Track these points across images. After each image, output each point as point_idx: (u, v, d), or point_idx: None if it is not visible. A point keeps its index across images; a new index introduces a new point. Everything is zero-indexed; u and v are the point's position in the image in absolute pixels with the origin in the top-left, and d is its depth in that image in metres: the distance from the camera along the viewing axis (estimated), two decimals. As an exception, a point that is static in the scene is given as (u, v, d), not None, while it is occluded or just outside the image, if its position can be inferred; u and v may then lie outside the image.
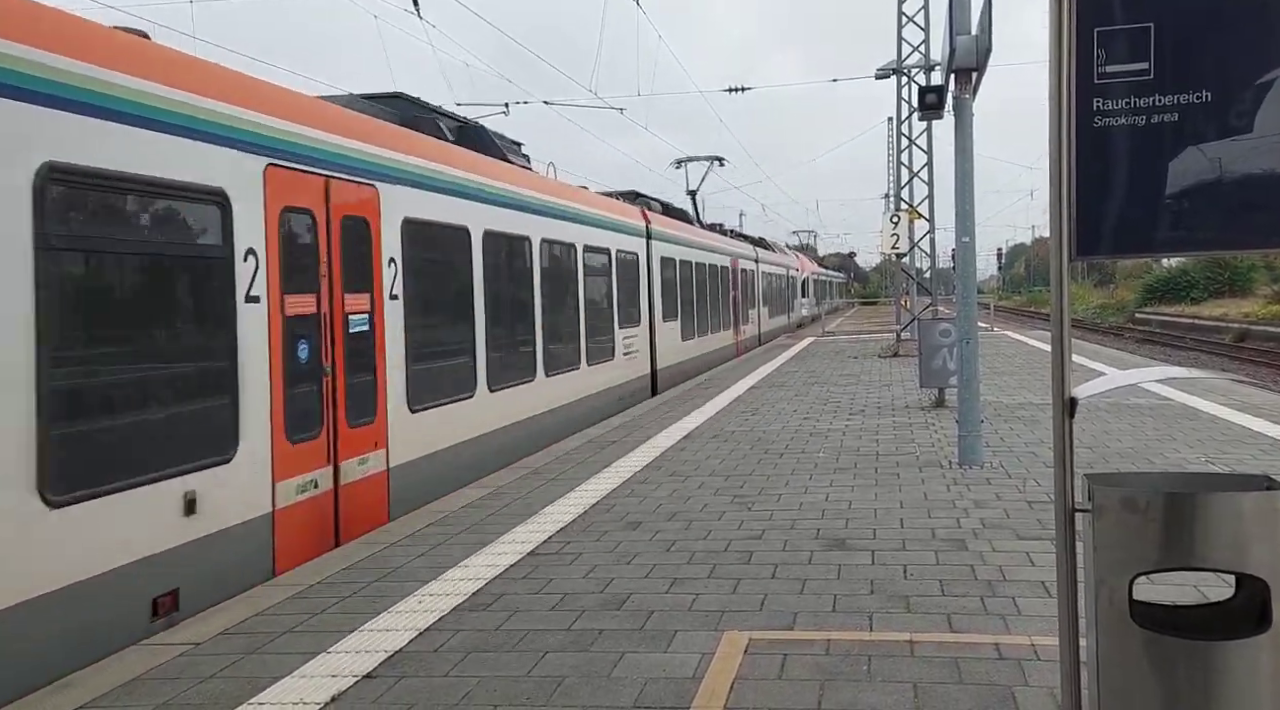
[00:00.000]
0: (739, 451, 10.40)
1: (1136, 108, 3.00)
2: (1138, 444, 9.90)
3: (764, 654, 4.68)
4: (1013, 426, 11.50)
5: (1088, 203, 3.01)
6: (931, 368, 12.96)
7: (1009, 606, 5.24)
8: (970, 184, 9.32)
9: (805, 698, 4.18)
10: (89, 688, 4.54)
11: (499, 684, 4.44)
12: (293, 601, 5.73)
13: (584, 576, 6.06)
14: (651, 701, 4.20)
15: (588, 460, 10.12)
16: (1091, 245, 3.04)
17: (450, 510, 8.00)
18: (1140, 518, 2.75)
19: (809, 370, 20.22)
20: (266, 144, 6.75)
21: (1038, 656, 4.52)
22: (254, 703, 4.32)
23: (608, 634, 5.04)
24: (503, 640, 5.00)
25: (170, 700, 4.38)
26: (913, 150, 27.30)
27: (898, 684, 4.28)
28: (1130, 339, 38.84)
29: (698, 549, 6.60)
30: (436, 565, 6.40)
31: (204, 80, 6.31)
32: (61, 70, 5.13)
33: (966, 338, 9.42)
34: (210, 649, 5.01)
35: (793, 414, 13.35)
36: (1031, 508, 7.47)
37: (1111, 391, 12.80)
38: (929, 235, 26.42)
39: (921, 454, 9.97)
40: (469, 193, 10.12)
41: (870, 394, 15.59)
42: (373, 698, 4.33)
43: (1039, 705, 4.02)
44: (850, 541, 6.67)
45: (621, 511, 7.78)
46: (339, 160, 7.68)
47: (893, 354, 23.72)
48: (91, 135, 5.30)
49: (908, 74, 26.55)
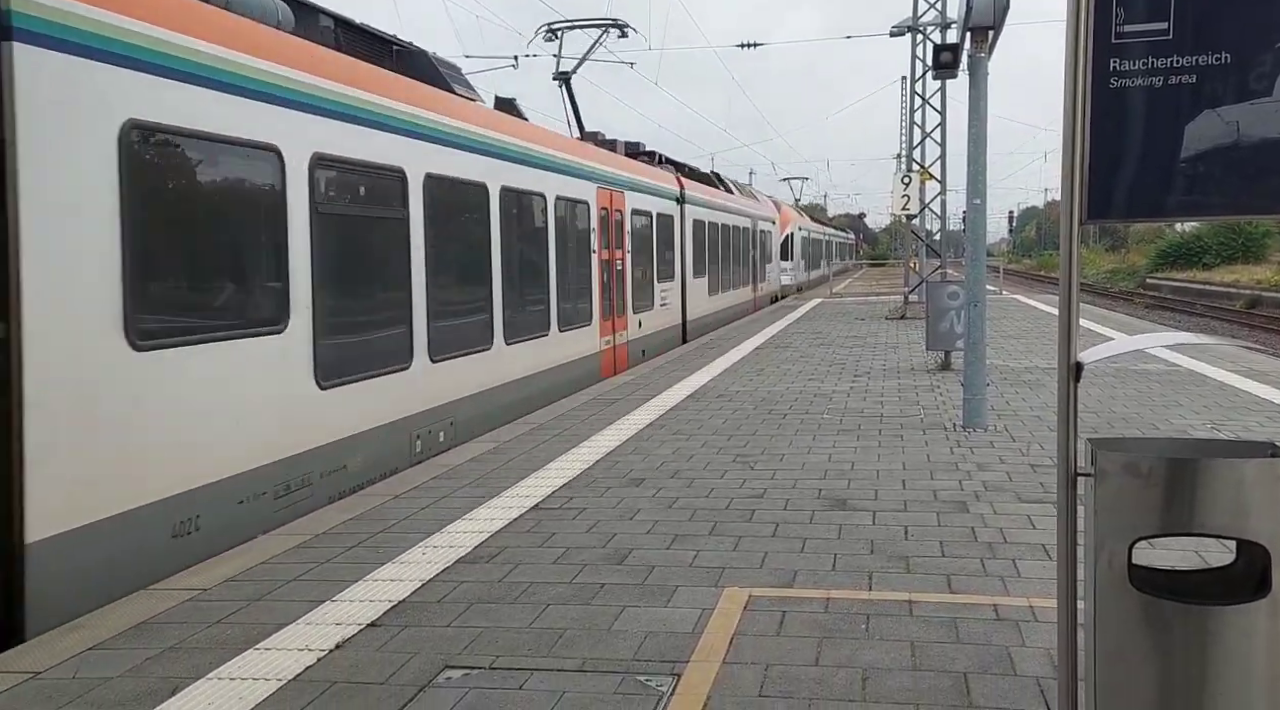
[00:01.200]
0: (743, 411, 10.42)
1: (1154, 69, 2.95)
2: (1143, 410, 9.90)
3: (763, 610, 4.73)
4: (1018, 390, 11.50)
5: (1101, 165, 2.98)
6: (939, 330, 12.93)
7: (1008, 568, 5.27)
8: (983, 145, 9.23)
9: (804, 654, 4.22)
10: (98, 630, 4.61)
11: (501, 635, 4.50)
12: (298, 551, 5.79)
13: (586, 531, 6.10)
14: (651, 655, 4.25)
15: (591, 417, 10.16)
16: (1103, 208, 3.01)
17: (454, 464, 8.05)
18: (1142, 482, 2.75)
19: (815, 331, 20.20)
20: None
21: (1035, 618, 4.56)
22: (261, 647, 4.38)
23: (609, 588, 5.08)
24: (505, 592, 5.05)
25: (178, 644, 4.44)
26: (926, 110, 27.02)
27: (895, 642, 4.32)
28: (1140, 304, 38.68)
29: (699, 506, 6.63)
30: (440, 518, 6.45)
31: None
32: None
33: (975, 301, 9.39)
34: (217, 595, 5.07)
35: (798, 375, 13.36)
36: (1034, 471, 7.49)
37: (1118, 357, 12.79)
38: (940, 197, 26.22)
39: (926, 417, 9.98)
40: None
41: (876, 356, 15.58)
42: (377, 646, 4.39)
43: (1035, 665, 4.05)
44: (852, 502, 6.70)
45: (625, 468, 7.82)
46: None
47: (900, 316, 23.67)
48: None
49: (923, 32, 26.19)
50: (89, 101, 5.25)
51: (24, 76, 4.85)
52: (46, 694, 3.97)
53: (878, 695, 3.83)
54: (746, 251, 28.35)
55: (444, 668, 4.16)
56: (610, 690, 3.92)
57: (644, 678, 4.03)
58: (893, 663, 4.12)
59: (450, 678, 4.06)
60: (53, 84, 5.02)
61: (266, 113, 6.70)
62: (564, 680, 4.02)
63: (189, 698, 3.91)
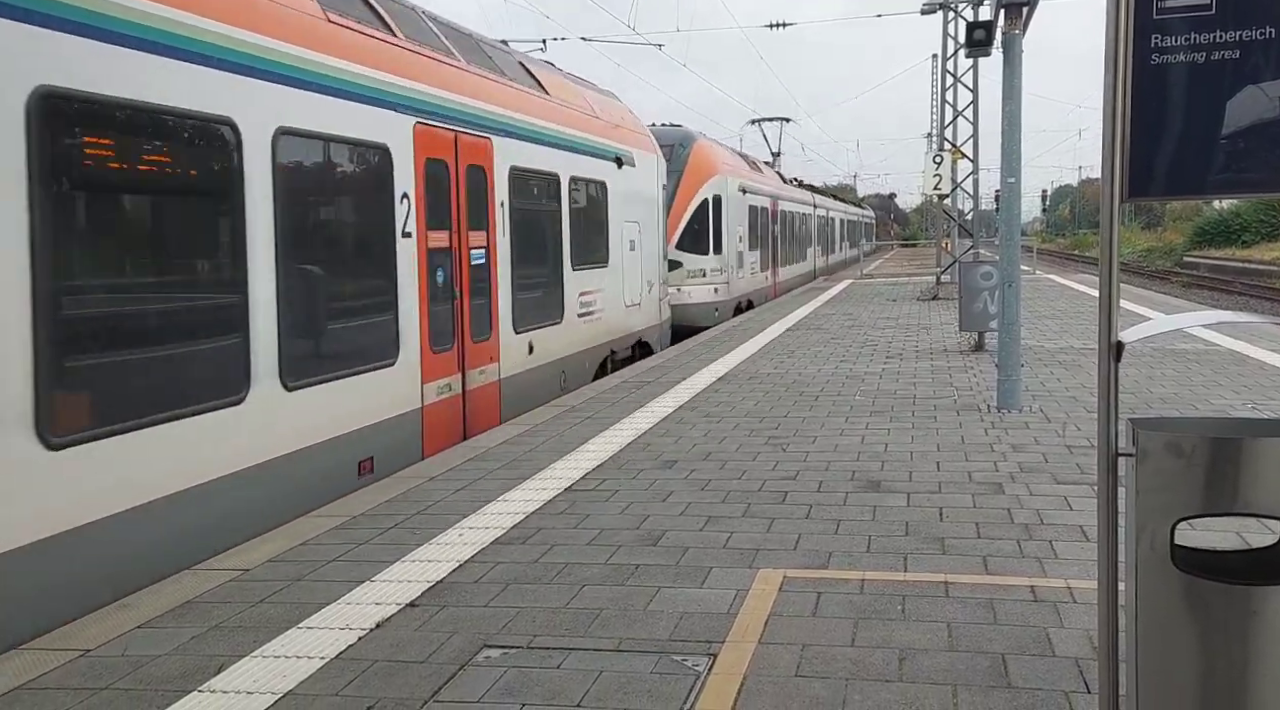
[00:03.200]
0: (774, 393, 10.41)
1: (1196, 44, 2.91)
2: (1182, 390, 9.78)
3: (798, 592, 4.74)
4: (1053, 371, 11.40)
5: (1141, 143, 2.94)
6: (972, 311, 12.84)
7: (1045, 550, 5.25)
8: (1018, 124, 9.12)
9: (839, 635, 4.23)
10: (146, 609, 4.71)
11: (538, 614, 4.54)
12: (337, 532, 5.87)
13: (620, 513, 6.14)
14: (687, 635, 4.28)
15: (622, 400, 10.19)
16: (1143, 186, 2.97)
17: (488, 446, 8.11)
18: (1184, 462, 2.73)
19: (846, 313, 20.09)
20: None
21: (1074, 599, 4.54)
22: (302, 626, 4.46)
23: (644, 569, 5.12)
24: (541, 572, 5.10)
25: (222, 622, 4.53)
26: (957, 88, 26.69)
27: (932, 623, 4.33)
28: (1178, 283, 38.12)
29: (732, 488, 6.65)
30: (476, 499, 6.51)
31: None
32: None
33: (1009, 281, 9.31)
34: (259, 575, 5.16)
35: (829, 357, 13.31)
36: (1071, 452, 7.43)
37: (1158, 336, 12.64)
38: (972, 176, 25.94)
39: (960, 398, 9.92)
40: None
41: (909, 337, 15.49)
42: (416, 625, 4.45)
43: (1074, 646, 4.04)
44: (886, 483, 6.69)
45: (657, 450, 7.85)
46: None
47: (932, 297, 23.49)
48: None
49: (954, 9, 25.85)
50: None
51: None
52: (97, 671, 4.06)
53: (914, 675, 3.84)
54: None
55: (482, 647, 4.21)
56: (647, 670, 3.96)
57: (680, 657, 4.06)
58: (929, 643, 4.12)
59: (489, 656, 4.12)
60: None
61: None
62: (601, 660, 4.06)
63: (234, 675, 3.99)
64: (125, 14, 5.36)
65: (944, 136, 27.20)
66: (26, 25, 4.74)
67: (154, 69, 5.53)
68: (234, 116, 6.11)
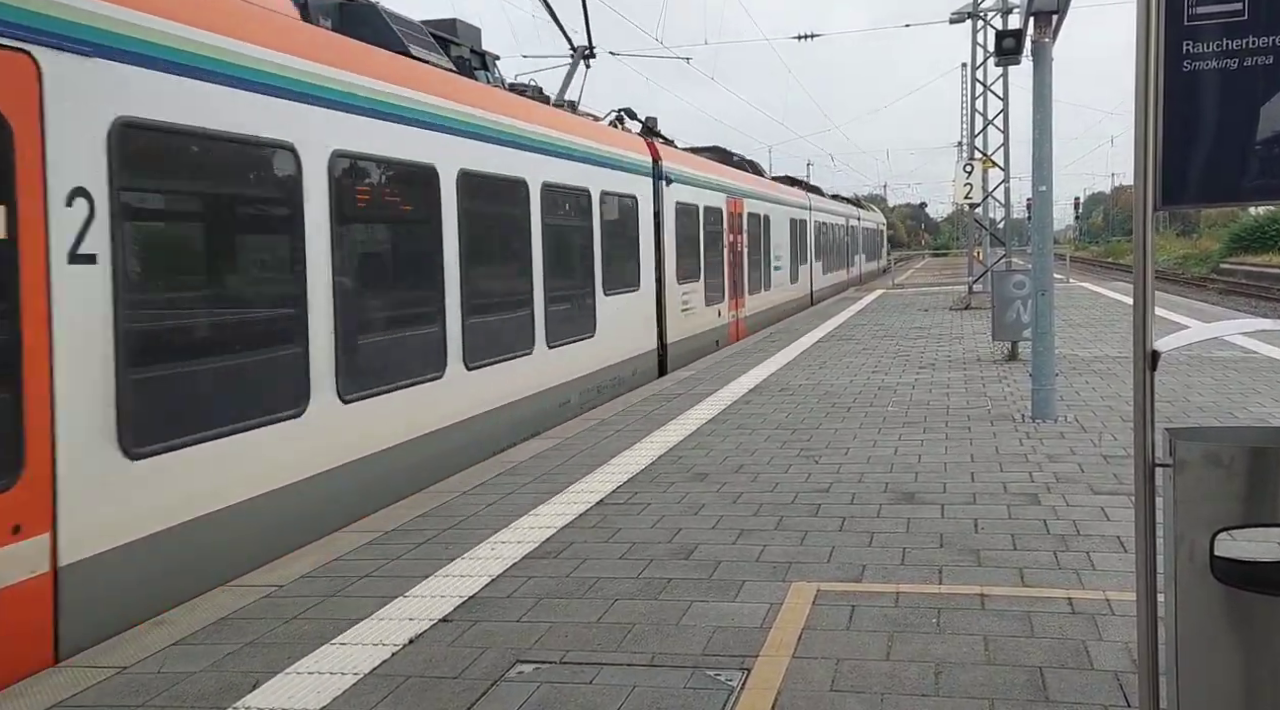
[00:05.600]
0: (806, 405, 10.36)
1: (1228, 50, 2.88)
2: (1219, 398, 9.64)
3: (832, 605, 4.71)
4: (1088, 380, 11.27)
5: (1175, 150, 2.92)
6: (1005, 321, 12.74)
7: (1083, 561, 5.18)
8: (1049, 132, 9.06)
9: (874, 648, 4.20)
10: (182, 625, 4.75)
11: (570, 629, 4.54)
12: (369, 547, 5.90)
13: (652, 526, 6.13)
14: (720, 649, 4.26)
15: (653, 413, 10.18)
16: (1178, 194, 2.94)
17: (519, 460, 8.13)
18: (1223, 473, 2.69)
19: (877, 323, 19.99)
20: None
21: (1112, 611, 4.47)
22: (336, 642, 4.48)
23: (676, 583, 5.10)
24: (573, 587, 5.10)
25: (257, 638, 4.56)
26: (987, 97, 26.56)
27: (968, 636, 4.28)
28: (1214, 290, 37.59)
29: (764, 501, 6.62)
30: (507, 513, 6.52)
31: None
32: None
33: (1043, 289, 9.23)
34: (293, 591, 5.19)
35: (861, 367, 13.24)
36: (1107, 462, 7.34)
37: (1194, 344, 12.45)
38: (1003, 184, 25.76)
39: (993, 408, 9.83)
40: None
41: (941, 347, 15.38)
42: (449, 640, 4.46)
43: (1113, 659, 3.98)
44: (919, 495, 6.63)
45: (688, 463, 7.83)
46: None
47: (964, 306, 23.32)
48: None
49: (983, 18, 25.76)
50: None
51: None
52: (134, 688, 4.11)
53: (951, 690, 3.79)
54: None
55: (515, 662, 4.21)
56: (680, 685, 3.94)
57: (714, 672, 4.04)
58: (965, 657, 4.08)
59: (522, 672, 4.12)
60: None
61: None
62: (634, 675, 4.05)
63: (269, 692, 4.02)
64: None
65: (974, 145, 27.06)
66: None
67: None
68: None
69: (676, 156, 15.88)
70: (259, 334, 6.20)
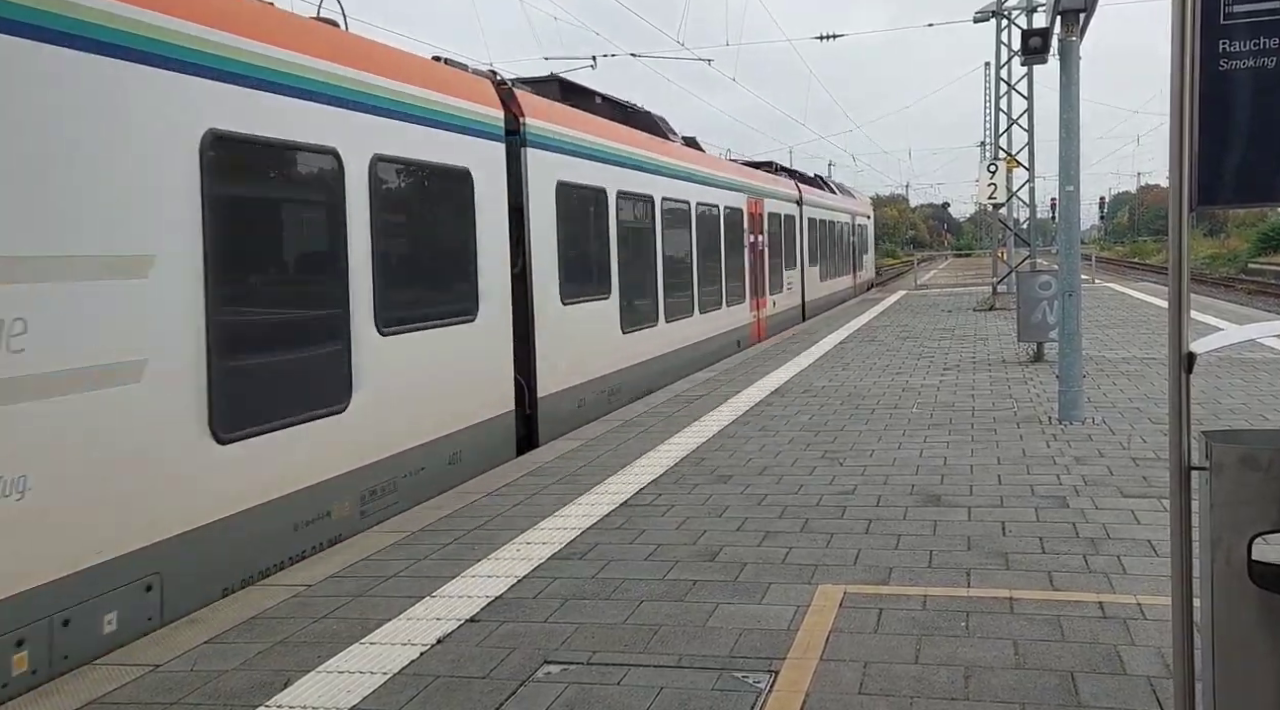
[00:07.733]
0: (829, 406, 10.33)
1: (1265, 49, 2.85)
2: (1251, 400, 9.53)
3: (859, 608, 4.69)
4: (1116, 382, 11.17)
5: (1210, 150, 2.89)
6: (1030, 321, 12.65)
7: (1113, 565, 5.14)
8: (1075, 132, 8.99)
9: (902, 652, 4.18)
10: (213, 624, 4.80)
11: (597, 630, 4.55)
12: (397, 547, 5.93)
13: (676, 528, 6.13)
14: (747, 651, 4.25)
15: (676, 414, 10.18)
16: (1213, 194, 2.91)
17: (544, 461, 8.15)
18: (1261, 476, 2.66)
19: (901, 324, 19.90)
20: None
21: (1144, 616, 4.43)
22: (365, 642, 4.51)
23: (701, 585, 5.10)
24: (599, 588, 5.11)
25: (288, 638, 4.60)
26: (1012, 96, 26.38)
27: (997, 640, 4.25)
28: (1242, 290, 37.14)
29: (789, 503, 6.61)
30: (533, 514, 6.54)
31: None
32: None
33: (1070, 290, 9.16)
34: (322, 591, 5.23)
35: (884, 369, 13.18)
36: (1136, 465, 7.27)
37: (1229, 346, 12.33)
38: (1028, 184, 25.58)
39: (1020, 410, 9.76)
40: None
41: (965, 348, 15.29)
42: (477, 641, 4.48)
43: (1146, 664, 3.95)
44: (946, 498, 6.59)
45: (712, 465, 7.82)
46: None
47: (989, 307, 23.18)
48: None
49: (1008, 16, 25.59)
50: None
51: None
52: (167, 686, 4.15)
53: (981, 694, 3.77)
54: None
55: (543, 662, 4.22)
56: (708, 686, 3.94)
57: (741, 674, 4.04)
58: (995, 661, 4.05)
59: (550, 672, 4.13)
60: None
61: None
62: (662, 676, 4.05)
63: (300, 690, 4.05)
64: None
65: (998, 144, 26.87)
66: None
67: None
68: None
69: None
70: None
